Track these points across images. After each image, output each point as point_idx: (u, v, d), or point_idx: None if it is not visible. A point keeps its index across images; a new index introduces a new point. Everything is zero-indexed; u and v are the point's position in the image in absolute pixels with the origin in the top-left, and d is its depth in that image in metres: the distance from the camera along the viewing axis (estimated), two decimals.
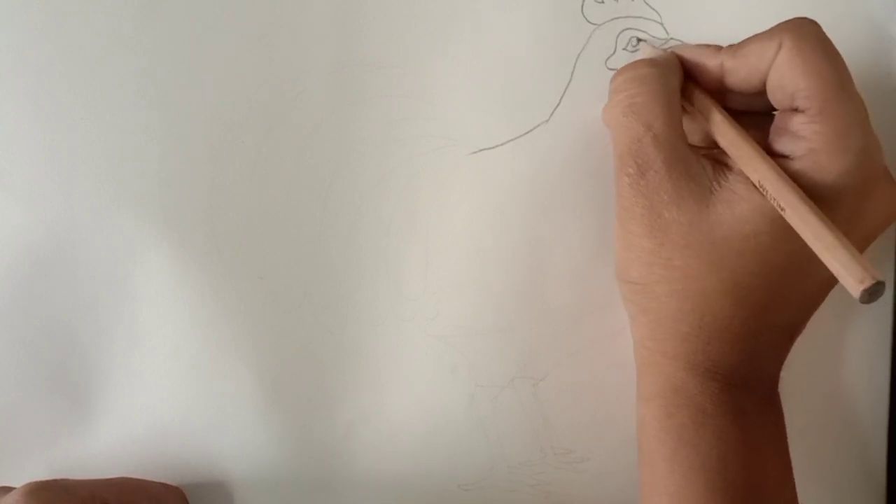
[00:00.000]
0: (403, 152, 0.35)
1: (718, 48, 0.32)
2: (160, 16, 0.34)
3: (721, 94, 0.32)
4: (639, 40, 0.34)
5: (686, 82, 0.33)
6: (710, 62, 0.32)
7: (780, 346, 0.32)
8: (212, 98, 0.35)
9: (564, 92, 0.35)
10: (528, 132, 0.35)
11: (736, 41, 0.31)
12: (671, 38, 0.35)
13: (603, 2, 0.35)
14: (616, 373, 0.36)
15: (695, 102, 0.32)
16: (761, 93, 0.31)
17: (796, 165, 0.29)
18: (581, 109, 0.35)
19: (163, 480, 0.35)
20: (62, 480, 0.32)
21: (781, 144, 0.30)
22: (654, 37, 0.35)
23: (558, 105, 0.35)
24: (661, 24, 0.35)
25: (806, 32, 0.29)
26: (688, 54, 0.33)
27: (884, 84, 0.35)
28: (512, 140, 0.35)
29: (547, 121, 0.35)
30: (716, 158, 0.31)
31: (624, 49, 0.35)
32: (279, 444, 0.36)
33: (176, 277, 0.35)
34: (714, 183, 0.30)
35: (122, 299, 0.35)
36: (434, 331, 0.36)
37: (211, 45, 0.35)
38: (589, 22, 0.35)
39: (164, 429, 0.36)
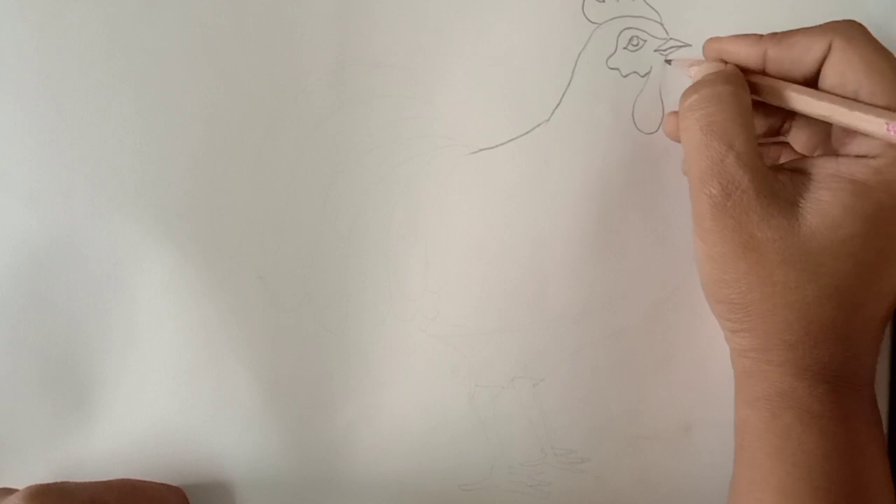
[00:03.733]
0: (403, 152, 0.35)
1: (759, 36, 0.32)
2: (160, 16, 0.34)
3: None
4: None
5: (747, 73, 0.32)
6: (753, 50, 0.31)
7: (876, 337, 0.32)
8: (212, 98, 0.35)
9: (565, 91, 0.35)
10: (528, 132, 0.35)
11: None
12: (671, 38, 0.35)
13: (604, 1, 0.35)
14: (616, 373, 0.36)
15: (762, 92, 0.32)
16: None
17: (877, 163, 0.29)
18: (581, 109, 0.35)
19: (163, 481, 0.36)
20: (62, 483, 0.32)
21: (854, 146, 0.30)
22: (653, 36, 0.35)
23: (559, 105, 0.35)
24: (661, 23, 0.35)
25: (857, 32, 0.29)
26: (729, 45, 0.32)
27: None
28: (512, 140, 0.35)
29: (547, 121, 0.35)
30: (792, 169, 0.31)
31: (624, 48, 0.35)
32: (279, 444, 0.36)
33: (176, 277, 0.35)
34: (797, 195, 0.30)
35: (123, 299, 0.35)
36: (434, 331, 0.36)
37: (211, 45, 0.35)
38: (590, 21, 0.35)
39: (164, 429, 0.36)
